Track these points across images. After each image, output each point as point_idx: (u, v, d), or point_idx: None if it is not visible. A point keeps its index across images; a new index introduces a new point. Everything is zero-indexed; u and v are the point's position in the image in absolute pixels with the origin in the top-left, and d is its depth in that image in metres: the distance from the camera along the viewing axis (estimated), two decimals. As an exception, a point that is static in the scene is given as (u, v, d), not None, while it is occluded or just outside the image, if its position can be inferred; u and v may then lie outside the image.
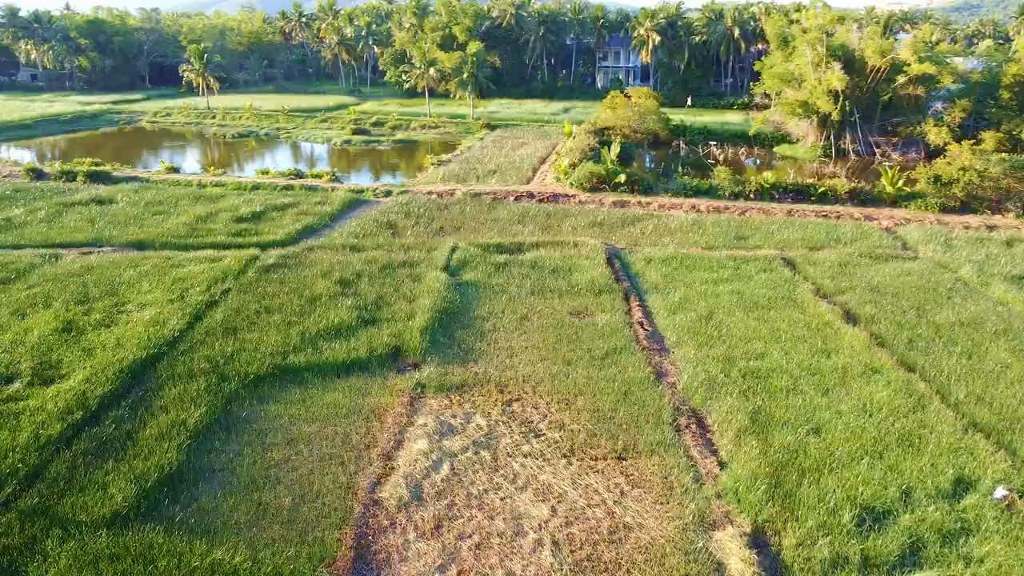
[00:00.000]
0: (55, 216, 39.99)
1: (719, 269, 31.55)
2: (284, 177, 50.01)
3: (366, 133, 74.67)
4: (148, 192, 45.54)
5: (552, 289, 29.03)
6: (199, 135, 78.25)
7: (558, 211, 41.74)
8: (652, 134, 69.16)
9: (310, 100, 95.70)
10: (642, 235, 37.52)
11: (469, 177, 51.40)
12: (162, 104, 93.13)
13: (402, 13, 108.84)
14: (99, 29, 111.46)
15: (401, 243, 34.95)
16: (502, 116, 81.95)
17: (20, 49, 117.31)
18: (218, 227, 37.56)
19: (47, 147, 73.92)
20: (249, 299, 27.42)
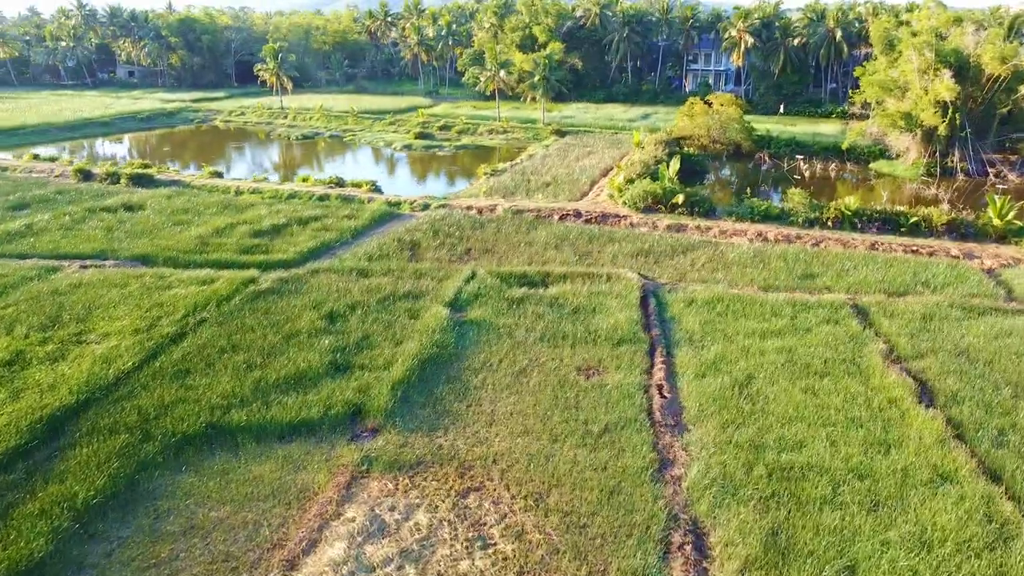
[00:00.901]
0: (77, 223, 38.64)
1: (772, 317, 26.50)
2: (323, 185, 47.52)
3: (429, 138, 71.89)
4: (180, 199, 43.84)
5: (566, 335, 24.81)
6: (267, 135, 77.48)
7: (603, 234, 37.31)
8: (733, 145, 63.36)
9: (384, 101, 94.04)
10: (691, 267, 32.67)
11: (518, 190, 47.50)
12: (239, 103, 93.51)
13: (484, 12, 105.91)
14: (189, 28, 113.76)
15: (415, 268, 31.43)
16: (576, 122, 77.61)
17: (119, 47, 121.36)
18: (231, 242, 35.11)
19: (117, 145, 74.71)
20: (220, 333, 24.51)
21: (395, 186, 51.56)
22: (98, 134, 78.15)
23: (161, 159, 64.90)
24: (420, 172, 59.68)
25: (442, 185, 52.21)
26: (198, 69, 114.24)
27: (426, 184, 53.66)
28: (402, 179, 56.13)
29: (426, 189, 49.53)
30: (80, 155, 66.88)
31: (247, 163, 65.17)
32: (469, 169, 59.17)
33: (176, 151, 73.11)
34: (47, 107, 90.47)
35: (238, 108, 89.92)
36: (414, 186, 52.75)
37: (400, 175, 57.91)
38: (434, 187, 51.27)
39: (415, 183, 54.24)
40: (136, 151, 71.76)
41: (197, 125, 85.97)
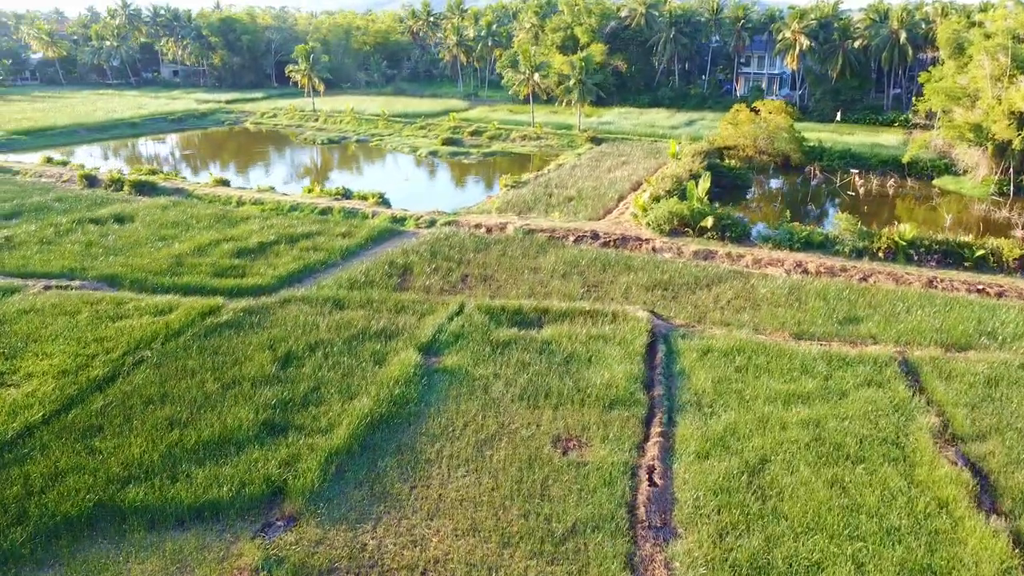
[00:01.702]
0: (60, 236, 36.39)
1: (802, 376, 22.27)
2: (328, 197, 44.54)
3: (457, 144, 68.58)
4: (174, 210, 41.35)
5: (550, 392, 21.07)
6: (294, 139, 75.25)
7: (619, 260, 33.33)
8: (782, 156, 58.48)
9: (420, 104, 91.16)
10: (714, 304, 28.50)
11: (536, 206, 43.74)
12: (273, 104, 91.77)
13: (525, 12, 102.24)
14: (230, 27, 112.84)
15: (398, 299, 27.98)
16: (614, 128, 73.41)
17: (163, 47, 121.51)
18: (208, 262, 32.24)
19: (141, 147, 73.38)
20: (153, 379, 21.49)
21: (407, 198, 48.28)
22: (127, 135, 77.06)
23: (183, 162, 63.22)
24: (438, 182, 56.37)
25: (457, 197, 48.84)
26: (238, 69, 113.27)
27: (441, 196, 50.33)
28: (417, 190, 52.86)
29: (439, 202, 46.15)
30: (101, 158, 65.57)
31: (263, 169, 62.87)
32: (490, 178, 55.65)
33: (198, 154, 71.49)
34: (83, 107, 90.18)
35: (271, 110, 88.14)
36: (427, 198, 49.43)
37: (416, 185, 54.67)
38: (449, 199, 47.91)
39: (430, 194, 50.94)
40: (156, 154, 70.29)
41: (229, 127, 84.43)
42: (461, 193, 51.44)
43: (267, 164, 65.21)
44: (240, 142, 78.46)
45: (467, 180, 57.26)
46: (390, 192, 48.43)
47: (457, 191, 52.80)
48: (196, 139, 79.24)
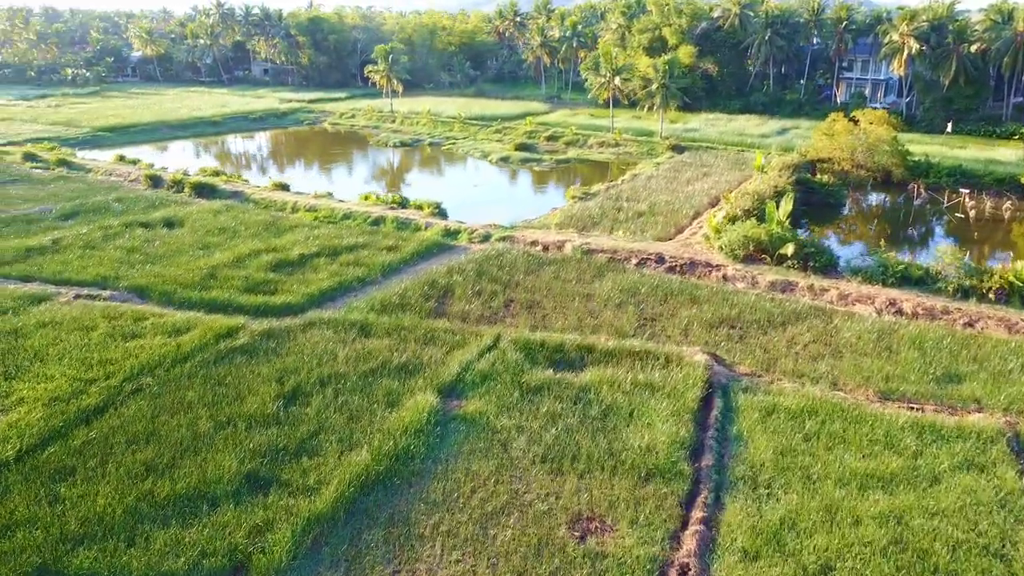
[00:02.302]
0: (106, 240, 35.75)
1: (885, 451, 18.56)
2: (384, 205, 42.66)
3: (531, 149, 65.90)
4: (225, 215, 40.32)
5: (578, 455, 18.15)
6: (368, 141, 74.27)
7: (684, 289, 29.89)
8: (882, 171, 53.16)
9: (499, 106, 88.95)
10: (788, 349, 24.81)
11: (602, 221, 40.60)
12: (353, 105, 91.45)
13: (612, 12, 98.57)
14: (317, 27, 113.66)
15: (430, 327, 25.53)
16: (699, 136, 69.13)
17: (254, 46, 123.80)
18: (242, 274, 30.66)
19: (216, 145, 73.91)
20: (146, 412, 19.78)
21: (466, 208, 45.91)
22: (208, 133, 77.96)
23: (253, 162, 62.97)
24: (503, 191, 53.74)
25: (520, 208, 46.12)
26: (324, 68, 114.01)
27: (503, 206, 47.74)
28: (479, 198, 50.46)
29: (499, 213, 43.61)
30: (176, 156, 66.13)
31: (328, 172, 61.93)
32: (561, 189, 52.60)
33: (269, 154, 71.53)
34: (171, 104, 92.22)
35: (350, 110, 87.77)
36: (488, 208, 46.89)
37: (480, 193, 52.27)
38: (510, 210, 45.27)
39: (491, 204, 48.42)
40: (229, 153, 70.54)
41: (307, 127, 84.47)
42: (524, 204, 48.71)
43: (334, 166, 64.34)
44: (315, 143, 78.18)
45: (534, 189, 54.53)
46: (453, 200, 46.34)
47: (521, 201, 50.09)
48: (272, 139, 79.55)
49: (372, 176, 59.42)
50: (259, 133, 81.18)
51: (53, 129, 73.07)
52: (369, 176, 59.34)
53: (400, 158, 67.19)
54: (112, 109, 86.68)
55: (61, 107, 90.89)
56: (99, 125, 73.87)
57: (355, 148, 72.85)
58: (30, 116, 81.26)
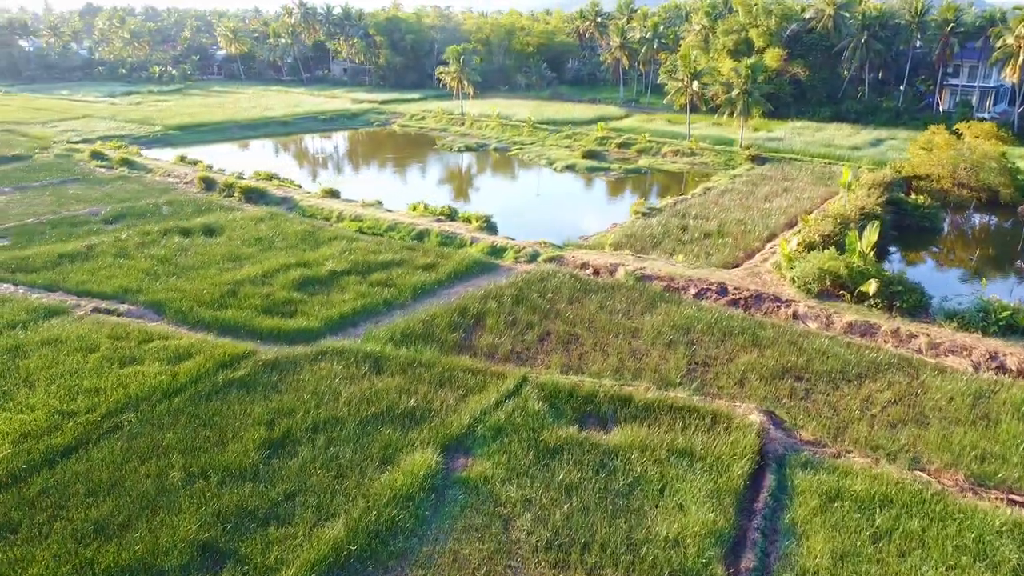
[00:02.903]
0: (139, 248, 34.68)
1: (976, 563, 14.87)
2: (431, 217, 40.38)
3: (599, 157, 62.55)
4: (266, 224, 38.83)
5: (591, 545, 15.22)
6: (434, 144, 72.39)
7: (746, 328, 26.33)
8: (988, 192, 47.72)
9: (574, 110, 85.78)
10: (863, 410, 21.08)
11: (664, 241, 37.23)
12: (424, 107, 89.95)
13: (696, 13, 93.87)
14: (395, 26, 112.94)
15: (449, 364, 22.92)
16: (783, 146, 64.32)
17: (334, 45, 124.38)
18: (264, 292, 28.81)
19: (281, 146, 73.41)
20: (117, 455, 17.94)
21: (520, 221, 43.22)
22: (277, 133, 77.78)
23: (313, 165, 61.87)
24: (563, 203, 50.58)
25: (577, 223, 43.06)
26: (401, 69, 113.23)
27: (559, 220, 44.78)
28: (535, 211, 47.59)
29: (553, 227, 40.76)
30: (239, 156, 65.82)
31: (387, 176, 60.26)
32: (625, 202, 49.13)
33: (332, 156, 70.56)
34: (246, 103, 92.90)
35: (420, 112, 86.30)
36: (542, 222, 44.07)
37: (536, 205, 49.36)
38: (566, 225, 42.31)
39: (547, 217, 45.53)
40: (292, 154, 69.84)
41: (376, 128, 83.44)
42: (583, 218, 45.60)
43: (393, 171, 62.73)
44: (380, 145, 77.01)
45: (596, 202, 51.20)
46: (508, 211, 43.92)
47: (580, 215, 46.94)
48: (338, 140, 78.74)
49: (428, 182, 57.35)
50: (328, 134, 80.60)
51: (128, 127, 74.19)
52: (425, 182, 57.30)
53: (462, 164, 64.99)
54: (188, 107, 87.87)
55: (141, 104, 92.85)
56: (171, 123, 74.58)
57: (419, 151, 71.13)
58: (110, 113, 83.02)
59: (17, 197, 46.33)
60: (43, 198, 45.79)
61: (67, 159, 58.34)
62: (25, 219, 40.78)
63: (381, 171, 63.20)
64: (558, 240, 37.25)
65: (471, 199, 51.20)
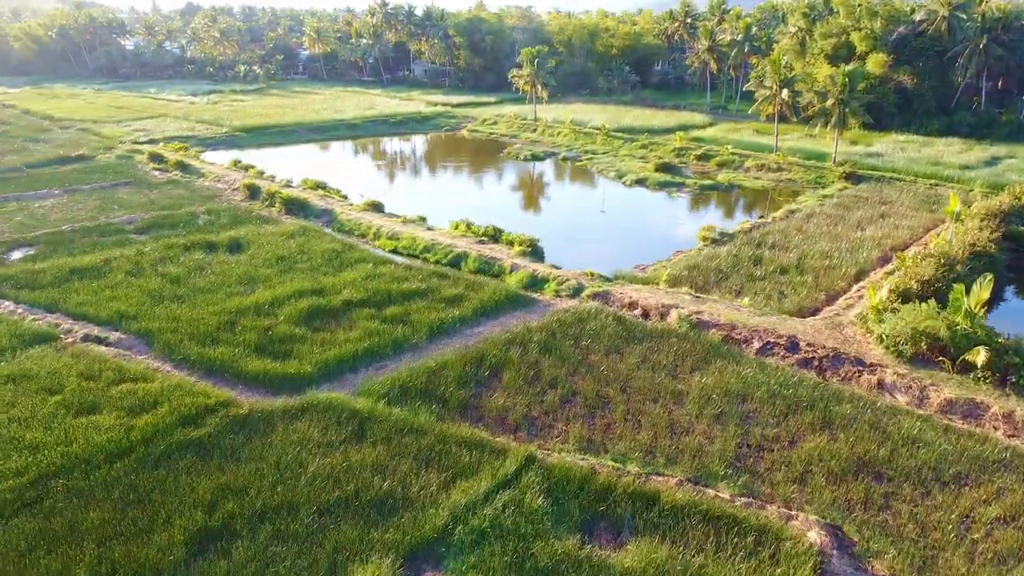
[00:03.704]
0: (155, 265, 32.56)
1: None
2: (472, 237, 36.88)
3: (673, 171, 57.58)
4: (295, 241, 36.18)
5: None
6: (500, 150, 68.90)
7: (817, 399, 21.62)
8: None
9: (651, 117, 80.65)
10: (961, 536, 16.23)
11: (731, 276, 32.54)
12: (497, 111, 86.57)
13: (792, 14, 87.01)
14: (476, 27, 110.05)
15: (445, 432, 19.28)
16: (883, 163, 57.71)
17: (415, 46, 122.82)
18: (266, 325, 25.91)
19: (341, 150, 71.44)
20: (19, 543, 15.10)
21: (572, 244, 39.25)
22: (343, 137, 76.00)
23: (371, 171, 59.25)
24: (625, 223, 45.73)
25: (635, 249, 38.59)
26: (480, 71, 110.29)
27: (615, 245, 40.45)
28: (593, 232, 43.25)
29: (607, 254, 36.64)
30: (299, 160, 64.14)
31: (440, 186, 57.09)
32: (696, 223, 44.13)
33: (391, 162, 67.95)
34: (318, 104, 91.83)
35: (493, 116, 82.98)
36: (597, 245, 39.87)
37: (595, 225, 44.91)
38: (622, 251, 38.01)
39: (604, 241, 41.20)
40: (351, 160, 67.65)
41: (445, 133, 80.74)
42: (643, 242, 41.10)
43: (449, 180, 59.52)
44: (445, 151, 74.28)
45: (662, 223, 46.35)
46: (563, 231, 40.48)
47: (640, 238, 42.37)
48: (403, 145, 76.33)
49: (482, 194, 53.79)
50: (395, 138, 78.36)
51: (197, 127, 73.88)
52: (479, 194, 53.75)
53: (524, 174, 61.15)
54: (261, 108, 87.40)
55: (218, 104, 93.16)
56: (238, 125, 73.83)
57: (483, 159, 67.84)
58: (184, 113, 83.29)
59: (64, 201, 45.49)
60: (88, 202, 44.75)
61: (127, 160, 57.81)
62: (61, 225, 39.60)
63: (436, 180, 60.10)
64: (610, 269, 33.08)
65: (524, 215, 47.39)
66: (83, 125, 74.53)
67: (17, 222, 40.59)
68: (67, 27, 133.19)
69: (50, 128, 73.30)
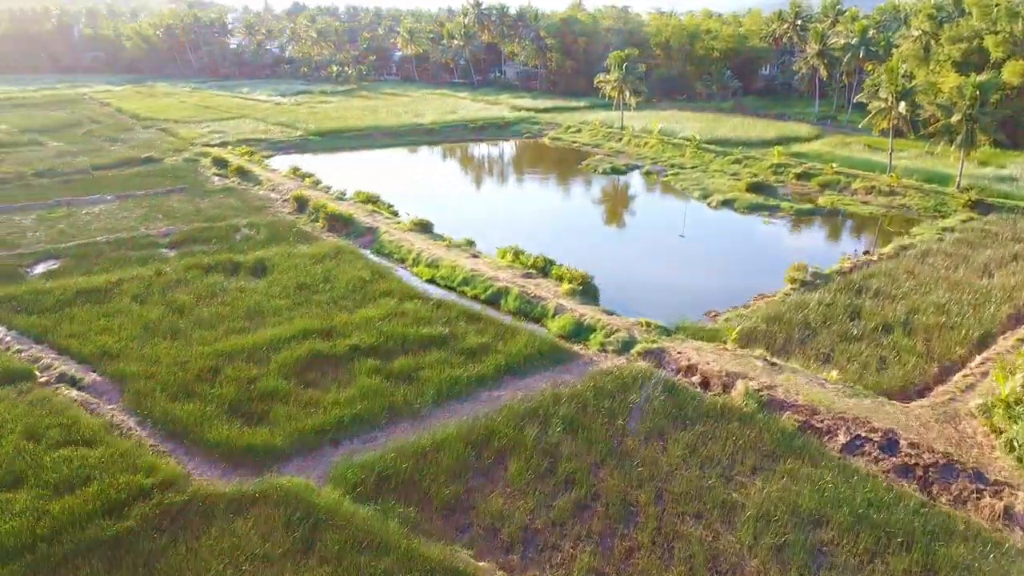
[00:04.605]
0: (164, 290, 30.00)
1: None
2: (519, 269, 32.58)
3: (767, 191, 51.36)
4: (323, 265, 32.91)
5: None
6: (580, 160, 64.13)
7: (920, 536, 16.21)
8: None
9: (750, 127, 73.70)
10: None
11: (820, 334, 26.99)
12: (582, 117, 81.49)
13: (916, 16, 78.03)
14: (569, 28, 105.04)
15: (409, 550, 15.16)
16: (1018, 189, 49.63)
17: (506, 48, 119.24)
18: (250, 375, 22.54)
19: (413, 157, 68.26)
20: None
21: (633, 279, 34.38)
22: (420, 142, 73.04)
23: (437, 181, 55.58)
24: (702, 254, 39.93)
25: (708, 291, 33.32)
26: (571, 74, 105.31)
27: (691, 280, 35.24)
28: (661, 265, 37.83)
29: (674, 294, 31.75)
30: (364, 166, 61.43)
31: (503, 200, 52.80)
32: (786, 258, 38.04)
33: (460, 172, 64.12)
34: (402, 107, 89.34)
35: (578, 123, 78.11)
36: (664, 283, 34.77)
37: (666, 255, 39.55)
38: (694, 291, 32.92)
39: (672, 275, 35.99)
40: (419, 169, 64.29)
41: (526, 140, 76.63)
42: (722, 279, 35.65)
43: (515, 194, 55.28)
44: (520, 160, 70.38)
45: (746, 255, 40.29)
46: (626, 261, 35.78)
47: (717, 274, 36.73)
48: (478, 153, 72.68)
49: (544, 213, 49.01)
50: (471, 145, 74.83)
51: (271, 130, 72.66)
52: (541, 213, 48.92)
53: (598, 190, 56.11)
54: (341, 111, 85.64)
55: (302, 106, 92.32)
56: (312, 128, 72.07)
57: (558, 170, 63.30)
58: (263, 114, 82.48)
59: (113, 207, 44.10)
60: (136, 210, 43.14)
61: (192, 164, 56.59)
62: (97, 236, 37.91)
63: (500, 192, 55.77)
64: (673, 316, 28.09)
65: (587, 239, 42.47)
66: (165, 125, 74.61)
67: (58, 230, 39.21)
68: (173, 27, 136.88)
69: (133, 127, 73.75)
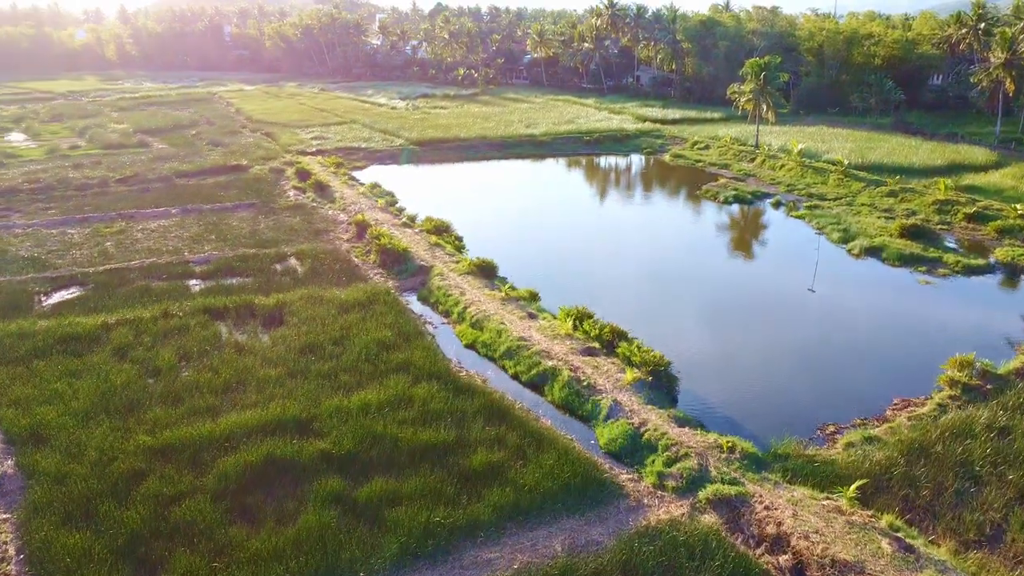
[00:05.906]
0: (153, 342, 25.94)
1: None
2: (580, 340, 25.84)
3: (926, 238, 41.27)
4: (349, 318, 27.52)
5: None
6: (702, 183, 55.92)
7: None
8: None
9: (914, 150, 62.04)
10: None
11: (989, 482, 18.60)
12: (714, 131, 72.42)
13: None
14: (708, 31, 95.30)
15: None
16: None
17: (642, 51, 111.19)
18: (174, 492, 17.43)
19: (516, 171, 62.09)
20: None
21: (728, 360, 26.72)
22: (527, 154, 67.03)
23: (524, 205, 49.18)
24: (829, 321, 31.35)
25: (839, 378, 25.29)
26: (708, 81, 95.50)
27: (813, 365, 27.12)
28: (774, 339, 29.53)
29: (781, 383, 24.07)
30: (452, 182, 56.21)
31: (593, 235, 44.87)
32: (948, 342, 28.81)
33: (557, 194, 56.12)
34: (518, 115, 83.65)
35: (705, 139, 69.39)
36: (773, 365, 26.83)
37: (782, 324, 31.02)
38: (814, 383, 25.03)
39: (785, 357, 27.83)
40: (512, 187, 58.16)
41: (645, 155, 69.01)
42: (854, 364, 27.14)
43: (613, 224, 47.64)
44: (631, 181, 63.27)
45: (889, 333, 30.45)
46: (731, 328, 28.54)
47: (847, 356, 27.91)
48: (586, 170, 65.68)
49: (643, 251, 41.30)
50: (581, 160, 67.99)
51: (373, 137, 69.37)
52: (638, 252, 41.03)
53: (712, 226, 47.34)
54: (452, 118, 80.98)
55: (416, 111, 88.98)
56: (415, 137, 67.87)
57: (670, 197, 55.55)
58: (371, 120, 79.33)
59: (171, 223, 41.30)
60: (191, 229, 40.05)
61: (276, 175, 53.66)
62: (133, 260, 34.90)
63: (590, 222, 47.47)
64: (771, 428, 20.67)
65: (676, 296, 34.76)
66: (271, 129, 73.02)
67: (100, 250, 36.51)
68: (311, 27, 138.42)
69: (240, 131, 72.57)
